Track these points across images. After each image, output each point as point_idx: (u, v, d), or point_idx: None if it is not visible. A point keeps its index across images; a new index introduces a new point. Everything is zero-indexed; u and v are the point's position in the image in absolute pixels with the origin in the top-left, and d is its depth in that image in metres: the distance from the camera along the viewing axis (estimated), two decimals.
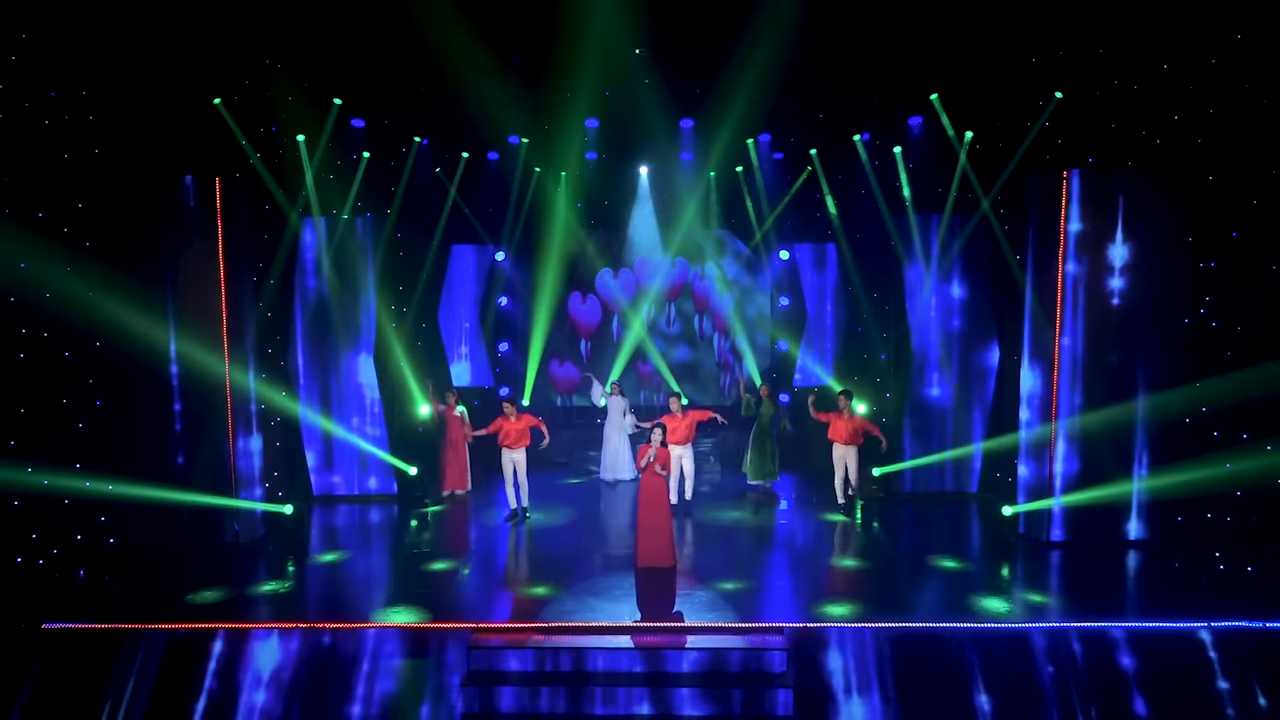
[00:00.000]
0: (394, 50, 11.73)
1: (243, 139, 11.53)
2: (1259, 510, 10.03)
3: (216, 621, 8.64)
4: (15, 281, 9.10)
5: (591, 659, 8.15)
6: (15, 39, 9.16)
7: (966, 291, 13.01)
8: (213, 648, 8.35)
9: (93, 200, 10.04)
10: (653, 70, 12.58)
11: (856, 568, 10.34)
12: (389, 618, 8.69)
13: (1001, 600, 9.23)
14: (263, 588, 9.78)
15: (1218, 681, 8.18)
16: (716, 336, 16.93)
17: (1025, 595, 9.50)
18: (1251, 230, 10.10)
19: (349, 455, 13.27)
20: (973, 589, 9.50)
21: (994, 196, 12.34)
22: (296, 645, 8.36)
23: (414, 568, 10.27)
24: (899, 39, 11.56)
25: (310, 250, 12.85)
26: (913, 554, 10.85)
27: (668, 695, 7.94)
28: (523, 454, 12.23)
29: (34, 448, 9.29)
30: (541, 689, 7.98)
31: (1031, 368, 11.29)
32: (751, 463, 13.79)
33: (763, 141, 15.04)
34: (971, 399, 13.18)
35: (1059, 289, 10.82)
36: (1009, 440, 11.93)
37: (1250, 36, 9.84)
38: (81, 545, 9.78)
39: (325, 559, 10.90)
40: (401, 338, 13.67)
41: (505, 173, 15.52)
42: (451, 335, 16.43)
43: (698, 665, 8.12)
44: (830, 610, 8.87)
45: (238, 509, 11.13)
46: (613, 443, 14.40)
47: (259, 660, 8.29)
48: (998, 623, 8.57)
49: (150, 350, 10.61)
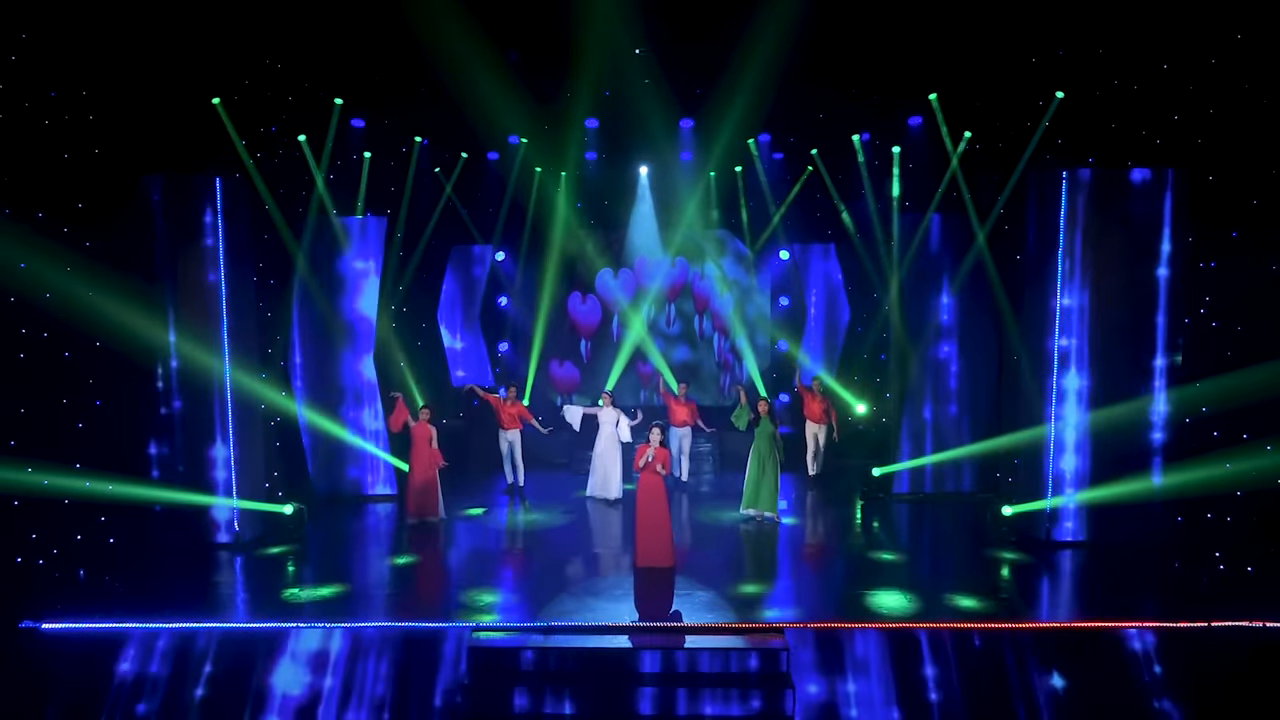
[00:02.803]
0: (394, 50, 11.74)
1: (243, 139, 11.52)
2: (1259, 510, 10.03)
3: (216, 622, 8.64)
4: (15, 281, 9.09)
5: (591, 659, 8.14)
6: (15, 39, 9.16)
7: (966, 291, 12.99)
8: (211, 648, 8.34)
9: (93, 200, 10.05)
10: (653, 70, 12.58)
11: (857, 568, 10.34)
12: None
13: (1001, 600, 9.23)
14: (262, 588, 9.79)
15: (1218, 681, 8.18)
16: (716, 336, 16.93)
17: (1025, 595, 9.52)
18: (1252, 230, 10.10)
19: (349, 455, 13.25)
20: (973, 589, 9.49)
21: (995, 196, 12.34)
22: (296, 645, 8.35)
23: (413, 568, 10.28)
24: (899, 39, 11.56)
25: (310, 250, 12.83)
26: (912, 554, 10.85)
27: (668, 695, 7.93)
28: (517, 434, 13.48)
29: (34, 448, 9.29)
30: (541, 689, 7.98)
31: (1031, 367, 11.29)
32: (750, 486, 12.07)
33: (763, 141, 15.03)
34: (971, 399, 13.17)
35: (1059, 288, 10.82)
36: (1008, 440, 11.93)
37: (1250, 36, 9.84)
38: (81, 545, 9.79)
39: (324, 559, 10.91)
40: (401, 338, 13.66)
41: (505, 173, 15.52)
42: (451, 335, 16.44)
43: (698, 665, 8.10)
44: (830, 610, 8.87)
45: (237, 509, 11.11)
46: (604, 461, 13.15)
47: (259, 660, 8.28)
48: (998, 623, 8.56)
49: (150, 350, 10.61)
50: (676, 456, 14.04)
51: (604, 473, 13.16)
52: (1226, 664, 8.24)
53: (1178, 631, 8.43)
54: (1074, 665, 8.22)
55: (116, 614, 8.70)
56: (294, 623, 8.55)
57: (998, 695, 8.08)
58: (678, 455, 14.05)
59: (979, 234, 12.67)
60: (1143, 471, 10.72)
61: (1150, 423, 10.74)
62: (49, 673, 8.24)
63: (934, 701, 8.03)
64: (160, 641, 8.38)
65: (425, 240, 14.93)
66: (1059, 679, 8.16)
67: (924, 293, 13.10)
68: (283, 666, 8.24)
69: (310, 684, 8.15)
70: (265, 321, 12.14)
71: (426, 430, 11.88)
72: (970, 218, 12.69)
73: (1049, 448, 11.02)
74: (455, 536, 11.63)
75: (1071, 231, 10.75)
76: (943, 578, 10.01)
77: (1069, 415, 10.90)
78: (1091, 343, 10.79)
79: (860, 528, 11.96)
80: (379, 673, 8.20)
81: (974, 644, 8.32)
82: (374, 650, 8.32)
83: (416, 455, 11.88)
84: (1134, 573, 10.14)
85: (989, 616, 8.72)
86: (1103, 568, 10.29)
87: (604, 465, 13.16)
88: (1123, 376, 10.77)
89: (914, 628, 8.45)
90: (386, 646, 8.34)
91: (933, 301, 13.06)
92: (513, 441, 13.51)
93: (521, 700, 7.95)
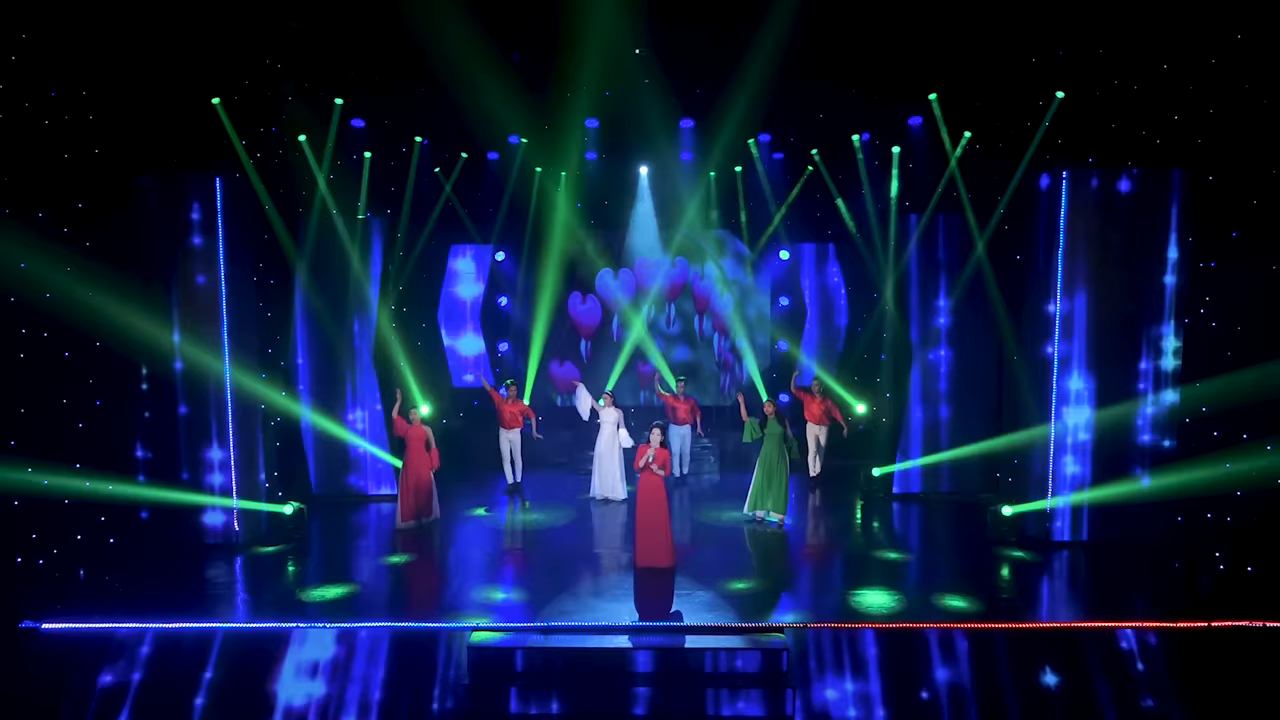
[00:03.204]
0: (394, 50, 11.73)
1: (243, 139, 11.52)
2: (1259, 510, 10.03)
3: (216, 622, 8.64)
4: (15, 281, 9.09)
5: (591, 659, 8.14)
6: (15, 39, 9.16)
7: (965, 291, 12.99)
8: (211, 648, 8.34)
9: (93, 200, 10.04)
10: (653, 70, 12.58)
11: (858, 568, 10.34)
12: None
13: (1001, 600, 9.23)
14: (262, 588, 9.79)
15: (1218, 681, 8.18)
16: (716, 336, 16.93)
17: (1025, 595, 9.52)
18: (1251, 230, 10.10)
19: (349, 455, 13.25)
20: (972, 589, 9.49)
21: (995, 196, 12.34)
22: (296, 645, 8.35)
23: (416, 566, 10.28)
24: (898, 39, 11.56)
25: (310, 250, 12.82)
26: (912, 554, 10.85)
27: (667, 696, 7.93)
28: (517, 434, 13.59)
29: (34, 448, 9.29)
30: (541, 689, 7.98)
31: (1030, 367, 11.29)
32: (756, 487, 11.79)
33: (763, 141, 15.03)
34: (971, 399, 13.17)
35: (1058, 288, 10.82)
36: (1008, 440, 11.93)
37: (1250, 36, 9.84)
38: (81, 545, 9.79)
39: (325, 559, 10.91)
40: (401, 338, 13.66)
41: (505, 173, 15.51)
42: (451, 335, 16.44)
43: (698, 665, 8.11)
44: (830, 610, 8.87)
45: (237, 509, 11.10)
46: (606, 461, 13.15)
47: (259, 660, 8.28)
48: (997, 623, 8.56)
49: (150, 350, 10.61)
50: (677, 455, 14.13)
51: (604, 473, 13.17)
52: (1226, 664, 8.24)
53: (1178, 631, 8.43)
54: (1074, 665, 8.22)
55: (116, 614, 8.70)
56: (294, 623, 8.55)
57: (998, 695, 8.07)
58: (678, 453, 14.12)
59: (977, 234, 12.68)
60: (1142, 472, 10.73)
61: (1150, 423, 10.74)
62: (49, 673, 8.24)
63: (934, 701, 8.03)
64: (160, 642, 8.38)
65: (430, 240, 14.91)
66: (1059, 679, 8.16)
67: (924, 292, 13.10)
68: (282, 667, 8.24)
69: (310, 684, 8.15)
70: (265, 321, 12.14)
71: (421, 432, 11.71)
72: (969, 217, 12.69)
73: (1049, 448, 11.01)
74: (455, 536, 11.63)
75: (1071, 231, 10.75)
76: (943, 578, 10.01)
77: (1069, 415, 10.89)
78: (1091, 342, 10.79)
79: (860, 528, 11.96)
80: (378, 673, 8.20)
81: (974, 644, 8.32)
82: (374, 650, 8.32)
83: (411, 458, 11.66)
84: (1134, 573, 10.15)
85: (989, 616, 8.72)
86: (1103, 568, 10.29)
87: (605, 465, 13.17)
88: (1122, 376, 10.77)
89: (914, 628, 8.45)
90: (386, 647, 8.34)
91: (932, 301, 13.07)
92: (513, 441, 13.61)
93: (520, 701, 7.95)
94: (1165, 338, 10.69)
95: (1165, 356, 10.71)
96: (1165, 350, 10.70)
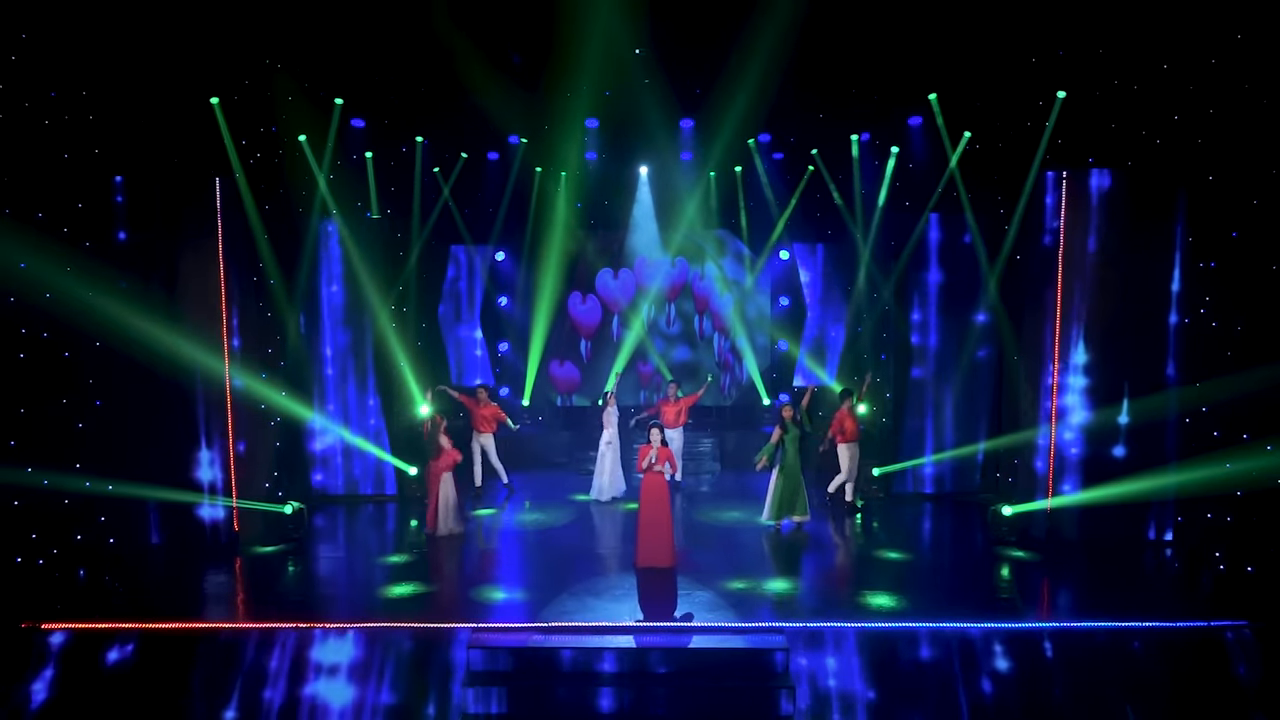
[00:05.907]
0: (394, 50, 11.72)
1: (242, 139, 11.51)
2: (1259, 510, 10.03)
3: (215, 621, 8.64)
4: (15, 281, 9.09)
5: (591, 659, 8.14)
6: (15, 39, 9.16)
7: (965, 291, 12.99)
8: (211, 648, 8.34)
9: (93, 200, 10.03)
10: (653, 70, 12.57)
11: (858, 568, 10.34)
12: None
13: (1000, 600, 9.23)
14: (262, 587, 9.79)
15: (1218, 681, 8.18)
16: (716, 336, 16.93)
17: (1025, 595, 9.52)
18: (1251, 230, 10.10)
19: (349, 455, 13.25)
20: (972, 589, 9.50)
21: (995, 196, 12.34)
22: (296, 645, 8.35)
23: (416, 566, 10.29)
24: (898, 39, 11.55)
25: (310, 250, 12.82)
26: (912, 554, 10.85)
27: (668, 695, 7.93)
28: (490, 438, 13.42)
29: (34, 448, 9.28)
30: (542, 689, 7.98)
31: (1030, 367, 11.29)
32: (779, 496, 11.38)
33: (763, 141, 15.03)
34: (970, 399, 13.17)
35: (1059, 287, 10.82)
36: (1008, 440, 11.93)
37: (1250, 36, 9.83)
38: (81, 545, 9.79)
39: (325, 558, 10.91)
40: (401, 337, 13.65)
41: (505, 173, 15.51)
42: (451, 335, 16.43)
43: (698, 665, 8.11)
44: (831, 610, 8.87)
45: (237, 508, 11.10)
46: (606, 461, 13.17)
47: (258, 661, 8.28)
48: (997, 623, 8.56)
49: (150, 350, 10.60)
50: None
51: (605, 473, 13.19)
52: (1226, 664, 8.24)
53: (1177, 631, 8.43)
54: (1073, 665, 8.22)
55: (116, 614, 8.70)
56: (293, 623, 8.55)
57: (997, 695, 8.08)
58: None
59: (977, 234, 12.68)
60: (1142, 472, 10.71)
61: (1151, 423, 10.73)
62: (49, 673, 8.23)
63: (933, 701, 8.03)
64: (159, 641, 8.38)
65: (430, 240, 14.91)
66: (1058, 678, 8.16)
67: (924, 292, 13.09)
68: (283, 667, 8.23)
69: (310, 684, 8.15)
70: (265, 321, 12.14)
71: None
72: (968, 217, 12.69)
73: (1049, 448, 11.01)
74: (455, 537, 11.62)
75: (1070, 231, 10.75)
76: (942, 577, 10.01)
77: (1069, 415, 10.89)
78: (1090, 342, 10.78)
79: (860, 528, 11.96)
80: (379, 673, 8.20)
81: (973, 644, 8.33)
82: (374, 650, 8.32)
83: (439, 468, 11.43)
84: (1133, 572, 10.16)
85: (989, 616, 8.72)
86: (1102, 567, 10.28)
87: (606, 466, 13.19)
88: (1122, 376, 10.76)
89: (914, 627, 8.45)
90: (387, 646, 8.34)
91: (932, 301, 13.05)
92: (485, 445, 13.38)
93: (520, 701, 7.94)
94: (1165, 338, 10.69)
95: (1164, 356, 10.70)
96: (1164, 350, 10.69)
